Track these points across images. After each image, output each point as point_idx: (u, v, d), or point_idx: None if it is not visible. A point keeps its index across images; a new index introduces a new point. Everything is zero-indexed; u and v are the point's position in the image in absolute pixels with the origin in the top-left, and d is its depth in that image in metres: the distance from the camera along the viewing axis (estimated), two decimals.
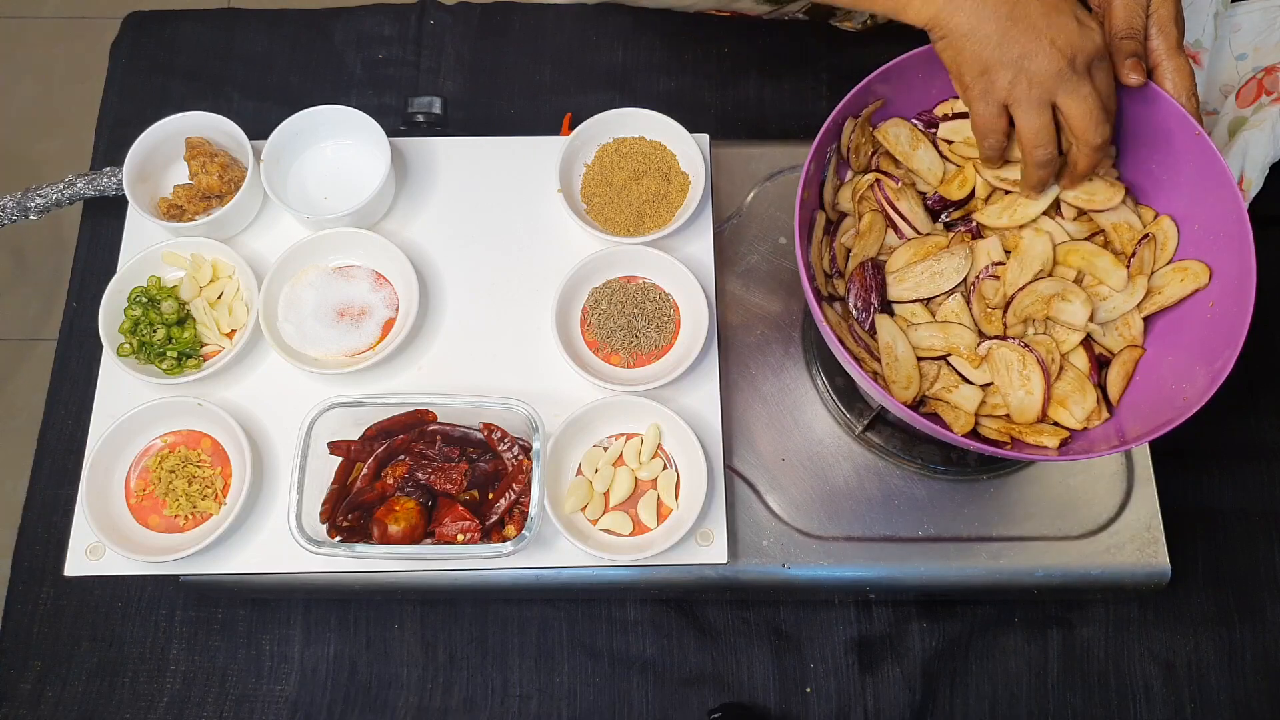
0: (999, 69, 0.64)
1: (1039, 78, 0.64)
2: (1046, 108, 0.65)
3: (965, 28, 0.63)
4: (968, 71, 0.66)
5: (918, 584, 0.82)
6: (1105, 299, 0.73)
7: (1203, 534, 0.88)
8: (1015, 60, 0.63)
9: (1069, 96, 0.64)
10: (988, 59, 0.64)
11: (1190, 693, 0.84)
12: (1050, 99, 0.65)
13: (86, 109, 1.06)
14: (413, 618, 0.86)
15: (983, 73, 0.65)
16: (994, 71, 0.64)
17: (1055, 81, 0.64)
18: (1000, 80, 0.65)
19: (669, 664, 0.85)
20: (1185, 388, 0.68)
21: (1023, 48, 0.63)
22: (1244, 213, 0.66)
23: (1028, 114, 0.65)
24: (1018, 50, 0.63)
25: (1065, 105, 0.65)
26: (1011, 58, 0.63)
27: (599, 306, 0.85)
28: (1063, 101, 0.65)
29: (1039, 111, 0.65)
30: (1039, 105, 0.65)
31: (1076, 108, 0.65)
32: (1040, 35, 0.63)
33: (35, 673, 0.85)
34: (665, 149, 0.90)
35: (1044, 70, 0.63)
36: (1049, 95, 0.65)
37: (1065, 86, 0.64)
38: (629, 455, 0.81)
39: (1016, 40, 0.63)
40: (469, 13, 1.08)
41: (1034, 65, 0.63)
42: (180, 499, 0.79)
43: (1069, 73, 0.63)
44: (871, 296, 0.75)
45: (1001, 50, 0.63)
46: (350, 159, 0.91)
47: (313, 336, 0.83)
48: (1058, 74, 0.63)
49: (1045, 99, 0.65)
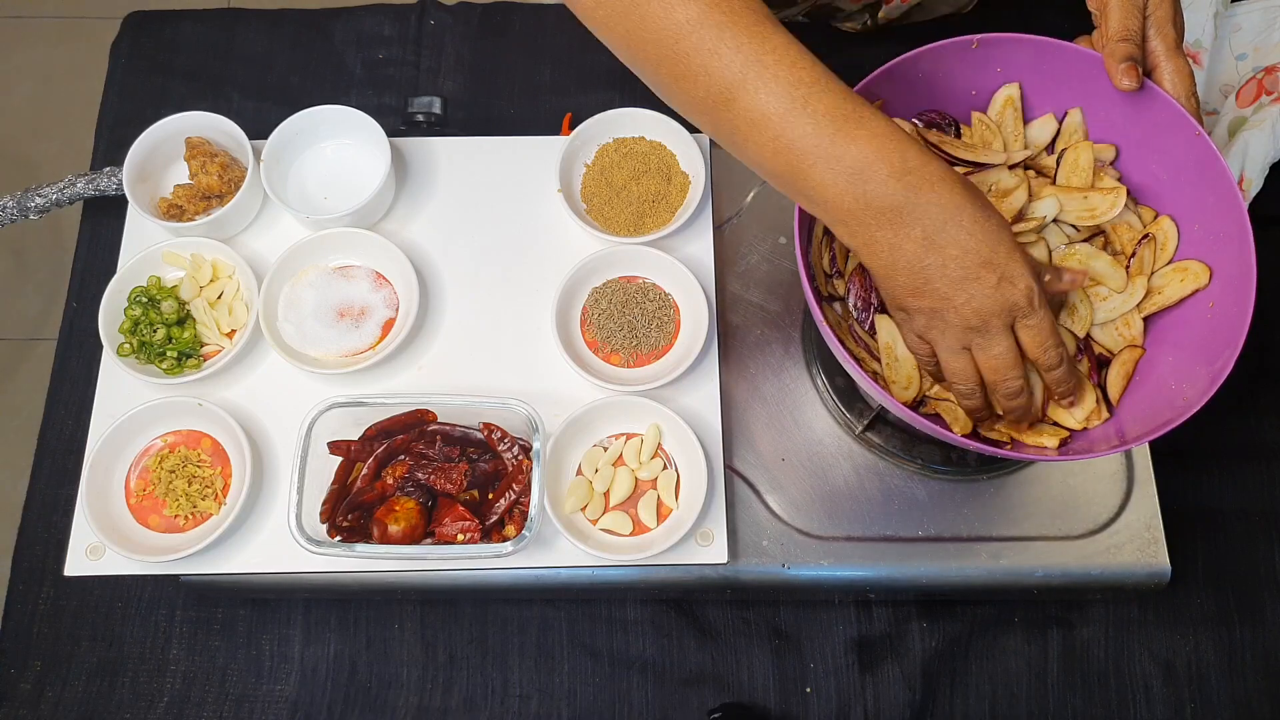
0: (914, 313, 0.63)
1: (950, 330, 0.62)
2: (963, 352, 0.64)
3: (882, 273, 0.61)
4: (887, 303, 0.65)
5: (918, 584, 0.82)
6: (1105, 299, 0.73)
7: (1203, 534, 0.88)
8: (928, 310, 0.62)
9: (979, 351, 0.63)
10: (903, 303, 0.62)
11: (1190, 693, 0.84)
12: (965, 346, 0.63)
13: (86, 109, 1.06)
14: (413, 618, 0.86)
15: (899, 309, 0.64)
16: (909, 312, 0.63)
17: (965, 336, 0.62)
18: (916, 322, 0.63)
19: (669, 664, 0.85)
20: (1185, 388, 0.68)
21: (935, 302, 0.61)
22: (1244, 213, 0.66)
23: (944, 355, 0.64)
24: (930, 303, 0.61)
25: (977, 358, 0.64)
26: (925, 308, 0.62)
27: (599, 306, 0.85)
28: (975, 354, 0.64)
29: (955, 355, 0.64)
30: (954, 350, 0.64)
31: (986, 362, 0.63)
32: (949, 300, 0.60)
33: (35, 673, 0.85)
34: (665, 149, 0.90)
35: (955, 325, 0.62)
36: (961, 344, 0.63)
37: (975, 341, 0.62)
38: (629, 455, 0.81)
39: (928, 295, 0.61)
40: (469, 13, 1.08)
41: (947, 318, 0.61)
42: (180, 499, 0.79)
43: (980, 330, 0.61)
44: (871, 296, 0.75)
45: (915, 301, 0.61)
46: (350, 159, 0.91)
47: (313, 336, 0.83)
48: (967, 330, 0.62)
49: (958, 346, 0.63)
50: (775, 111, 0.58)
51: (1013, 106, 0.76)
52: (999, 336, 0.62)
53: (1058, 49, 0.72)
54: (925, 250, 0.59)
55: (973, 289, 0.60)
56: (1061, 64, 0.73)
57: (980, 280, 0.59)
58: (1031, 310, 0.61)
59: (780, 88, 0.58)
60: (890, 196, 0.58)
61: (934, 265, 0.59)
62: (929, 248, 0.59)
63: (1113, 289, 0.73)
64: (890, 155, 0.58)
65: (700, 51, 0.58)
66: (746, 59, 0.58)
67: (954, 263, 0.59)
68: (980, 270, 0.59)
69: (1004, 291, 0.60)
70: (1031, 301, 0.61)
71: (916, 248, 0.59)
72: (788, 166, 0.60)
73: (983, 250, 0.59)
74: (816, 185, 0.59)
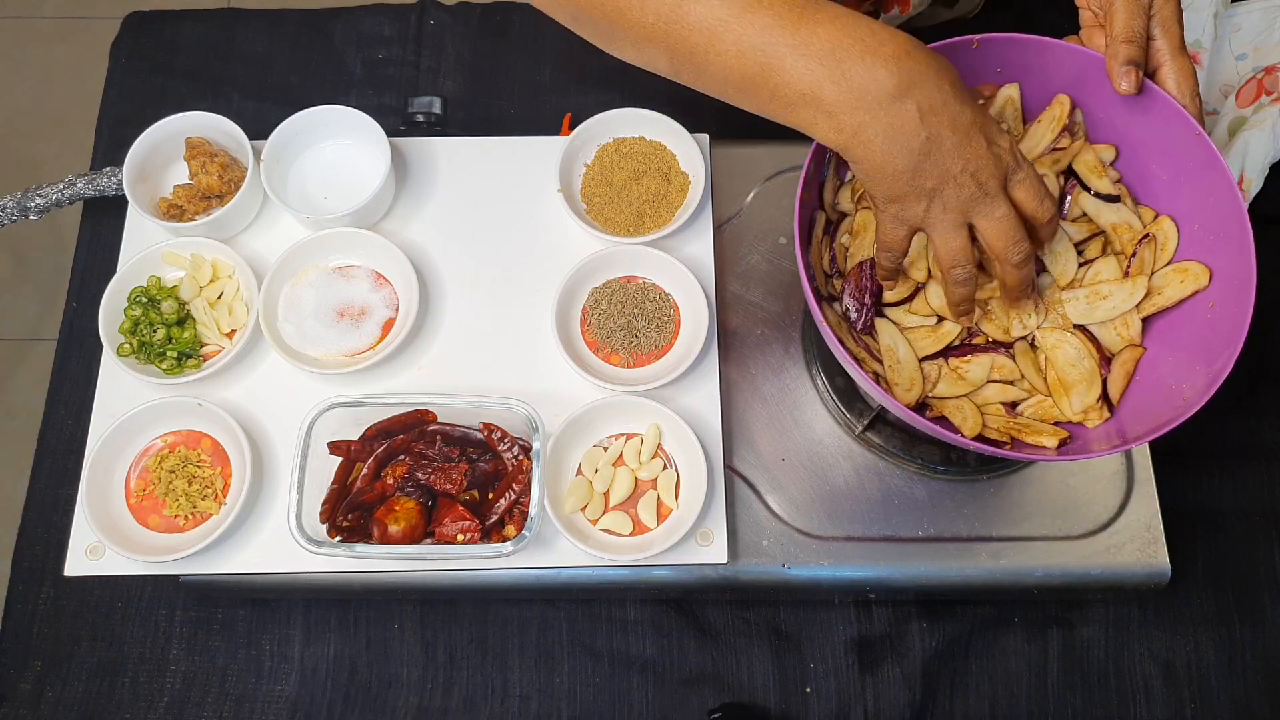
0: (912, 199, 0.61)
1: (953, 204, 0.61)
2: (962, 229, 0.62)
3: (877, 160, 0.59)
4: (880, 197, 0.62)
5: (918, 584, 0.82)
6: (1105, 298, 0.73)
7: (1203, 534, 0.88)
8: (929, 191, 0.60)
9: (983, 218, 0.62)
10: (901, 190, 0.60)
11: (1190, 693, 0.84)
12: (965, 221, 0.62)
13: (86, 109, 1.06)
14: (413, 618, 0.86)
15: (894, 200, 0.62)
16: (907, 200, 0.61)
17: (969, 205, 0.61)
18: (913, 209, 0.62)
19: (669, 664, 0.85)
20: (1185, 388, 0.68)
21: (936, 179, 0.59)
22: (1244, 213, 0.66)
23: (943, 236, 0.63)
24: (931, 182, 0.59)
25: (981, 226, 0.62)
26: (925, 189, 0.60)
27: (599, 306, 0.85)
28: (978, 223, 0.62)
29: (955, 234, 0.63)
30: (954, 228, 0.62)
31: (992, 228, 0.62)
32: (952, 165, 0.59)
33: (35, 673, 0.85)
34: (665, 149, 0.90)
35: (957, 197, 0.60)
36: (964, 218, 0.62)
37: (979, 209, 0.61)
38: (629, 455, 0.81)
39: (929, 173, 0.59)
40: (469, 13, 1.08)
41: (948, 194, 0.60)
42: (180, 499, 0.79)
43: (981, 196, 0.60)
44: (866, 297, 0.75)
45: (914, 182, 0.59)
46: (350, 159, 0.91)
47: (313, 336, 0.83)
48: (970, 199, 0.60)
49: (960, 222, 0.62)
50: (730, 13, 0.57)
51: (1013, 106, 0.76)
52: (999, 199, 0.61)
53: (1058, 49, 0.72)
54: (920, 123, 0.57)
55: (969, 155, 0.58)
56: (1062, 64, 0.73)
57: (974, 145, 0.58)
58: (1019, 165, 0.61)
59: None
60: (872, 71, 0.56)
61: (931, 138, 0.57)
62: (923, 120, 0.57)
63: (1112, 291, 0.73)
64: (860, 31, 0.57)
65: None
66: None
67: (948, 131, 0.58)
68: (971, 134, 0.58)
69: (995, 152, 0.59)
70: (1017, 157, 0.61)
71: (912, 122, 0.57)
72: (757, 67, 0.58)
73: (968, 113, 0.58)
74: (791, 79, 0.57)
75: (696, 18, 0.57)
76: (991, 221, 0.62)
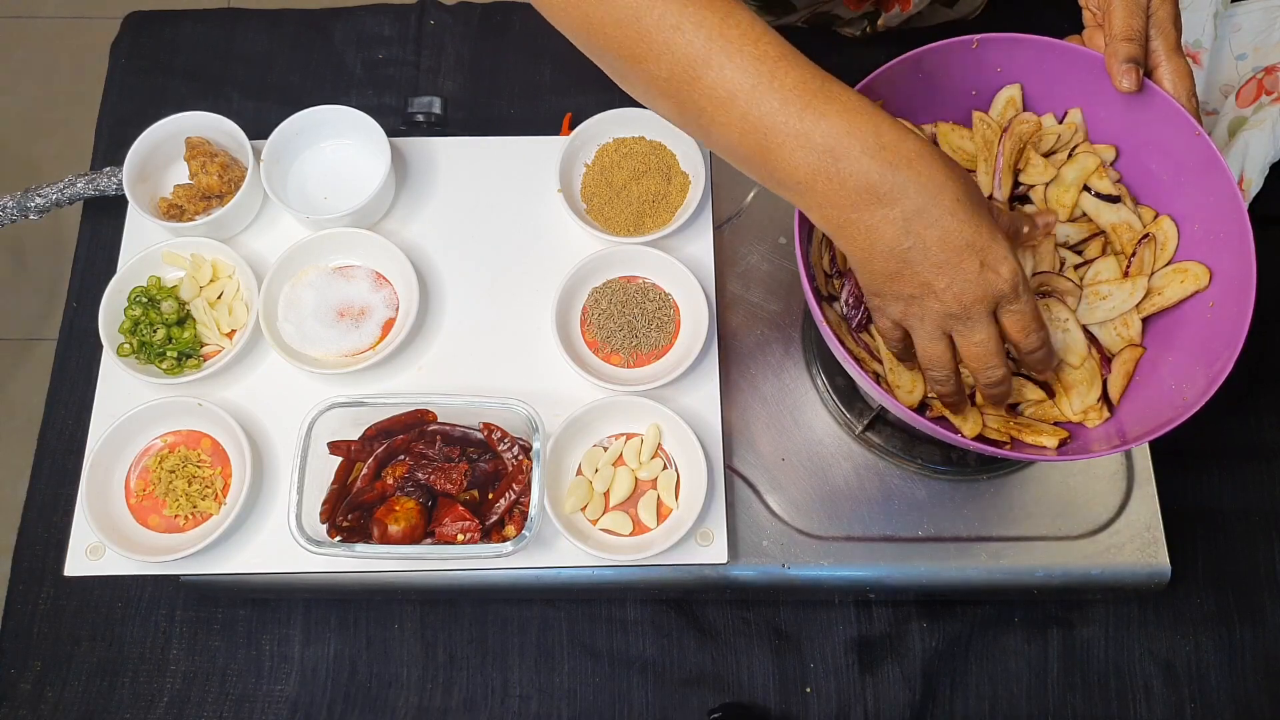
0: (891, 299, 0.60)
1: (930, 316, 0.60)
2: (941, 338, 0.61)
3: (859, 256, 0.59)
4: (864, 287, 0.62)
5: (918, 584, 0.82)
6: (1105, 298, 0.73)
7: (1203, 534, 0.88)
8: (907, 296, 0.59)
9: (960, 337, 0.61)
10: (879, 288, 0.60)
11: (1190, 693, 0.84)
12: (943, 332, 0.61)
13: (86, 109, 1.06)
14: (413, 618, 0.86)
15: (875, 294, 0.61)
16: (885, 298, 0.61)
17: (947, 322, 0.60)
18: (892, 308, 0.61)
19: (669, 664, 0.85)
20: (1185, 388, 0.68)
21: (915, 288, 0.58)
22: (1244, 213, 0.66)
23: (921, 341, 0.62)
24: (910, 289, 0.59)
25: (959, 342, 0.61)
26: (903, 294, 0.59)
27: (599, 306, 0.85)
28: (956, 339, 0.61)
29: (932, 342, 0.62)
30: (931, 336, 0.61)
31: (968, 349, 0.61)
32: (934, 280, 0.58)
33: (35, 673, 0.85)
34: (665, 149, 0.90)
35: (935, 311, 0.59)
36: (941, 330, 0.61)
37: (957, 327, 0.60)
38: (629, 455, 0.81)
39: (909, 280, 0.58)
40: (469, 12, 1.08)
41: (926, 304, 0.59)
42: (180, 499, 0.79)
43: (961, 316, 0.59)
44: (863, 299, 0.75)
45: (892, 286, 0.59)
46: (350, 159, 0.91)
47: (313, 336, 0.83)
48: (949, 315, 0.59)
49: (937, 333, 0.61)
50: (741, 88, 0.56)
51: (1014, 107, 0.76)
52: (981, 323, 0.60)
53: (1058, 49, 0.72)
54: (904, 234, 0.56)
55: (954, 275, 0.57)
56: (1062, 64, 0.73)
57: (963, 266, 0.57)
58: (1016, 297, 0.59)
59: (745, 62, 0.56)
60: (865, 175, 0.55)
61: (914, 249, 0.56)
62: (908, 231, 0.56)
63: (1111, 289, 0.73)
64: (863, 130, 0.55)
65: (662, 28, 0.57)
66: (710, 34, 0.56)
67: (935, 247, 0.56)
68: (963, 255, 0.57)
69: (987, 278, 0.58)
70: (1016, 288, 0.59)
71: (895, 230, 0.56)
72: (757, 146, 0.57)
73: (965, 233, 0.56)
74: (787, 166, 0.57)
75: (708, 84, 0.57)
76: (969, 343, 0.61)
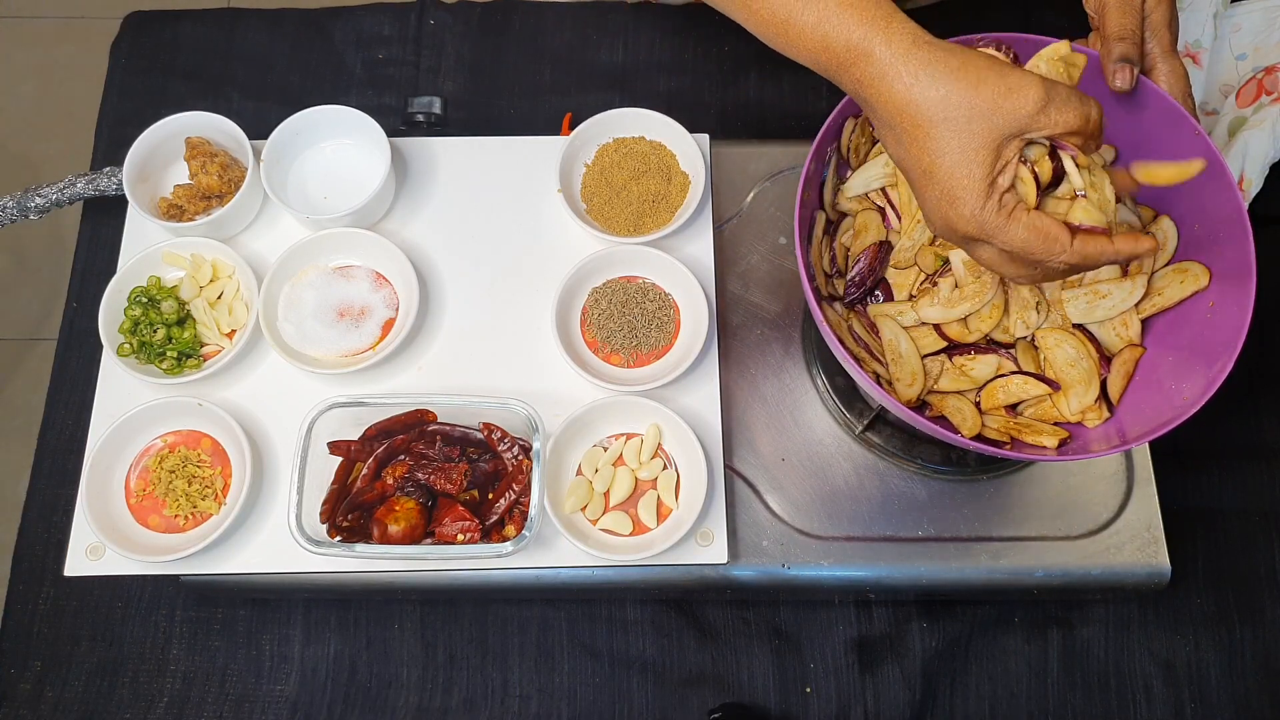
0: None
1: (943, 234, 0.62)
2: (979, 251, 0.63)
3: (894, 156, 0.62)
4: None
5: (918, 584, 0.82)
6: (1105, 297, 0.73)
7: (1203, 534, 0.88)
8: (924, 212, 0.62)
9: (971, 253, 0.63)
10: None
11: (1190, 693, 0.84)
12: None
13: (86, 109, 1.06)
14: (413, 618, 0.86)
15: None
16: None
17: (958, 242, 0.62)
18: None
19: (669, 664, 0.85)
20: (1185, 388, 0.68)
21: (924, 209, 0.62)
22: (1244, 213, 0.66)
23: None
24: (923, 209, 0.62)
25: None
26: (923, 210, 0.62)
27: (599, 306, 0.85)
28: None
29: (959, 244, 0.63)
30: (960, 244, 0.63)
31: (984, 260, 0.63)
32: (932, 214, 0.61)
33: (35, 673, 0.85)
34: (665, 149, 0.90)
35: (942, 232, 0.62)
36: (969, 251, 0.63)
37: (966, 247, 0.62)
38: (629, 455, 0.81)
39: (921, 201, 0.61)
40: (469, 12, 1.08)
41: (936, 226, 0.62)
42: (180, 499, 0.79)
43: (963, 240, 0.61)
44: (869, 280, 0.75)
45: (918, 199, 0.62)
46: (350, 159, 0.91)
47: (313, 336, 0.83)
48: (955, 238, 0.61)
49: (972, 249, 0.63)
50: None
51: None
52: (975, 247, 0.61)
53: None
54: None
55: (956, 208, 0.59)
56: None
57: (959, 203, 0.59)
58: (999, 230, 0.60)
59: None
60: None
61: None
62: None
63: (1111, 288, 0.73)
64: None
65: None
66: None
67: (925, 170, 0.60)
68: (957, 193, 0.59)
69: (946, 215, 0.60)
70: (990, 232, 0.60)
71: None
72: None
73: (958, 174, 0.59)
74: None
75: None
76: (979, 257, 0.62)
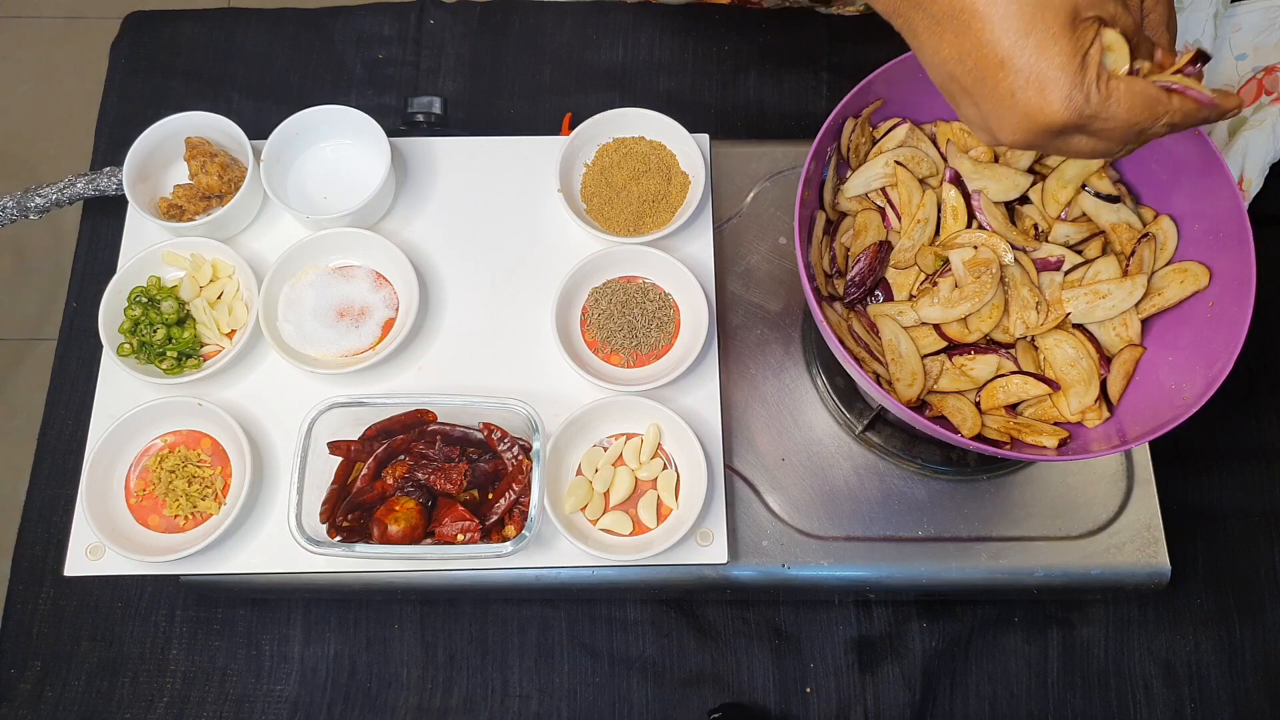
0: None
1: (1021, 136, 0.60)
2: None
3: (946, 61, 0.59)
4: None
5: (918, 584, 0.82)
6: (1105, 297, 0.73)
7: (1203, 534, 0.88)
8: None
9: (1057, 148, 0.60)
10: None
11: (1190, 693, 0.84)
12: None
13: (86, 109, 1.06)
14: (413, 618, 0.86)
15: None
16: None
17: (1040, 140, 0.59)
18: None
19: (669, 664, 0.85)
20: (1185, 388, 0.68)
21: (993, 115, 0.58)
22: (1244, 213, 0.66)
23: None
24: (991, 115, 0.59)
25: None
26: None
27: (599, 306, 0.85)
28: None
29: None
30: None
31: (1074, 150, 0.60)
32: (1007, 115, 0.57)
33: (35, 673, 0.85)
34: (665, 149, 0.90)
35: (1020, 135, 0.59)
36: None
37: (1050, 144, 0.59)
38: (629, 455, 0.81)
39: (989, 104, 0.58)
40: (469, 12, 1.08)
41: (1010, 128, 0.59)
42: (180, 499, 0.79)
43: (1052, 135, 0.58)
44: (869, 280, 0.75)
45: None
46: (350, 159, 0.91)
47: (313, 336, 0.83)
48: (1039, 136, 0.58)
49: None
50: None
51: None
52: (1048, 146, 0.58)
53: None
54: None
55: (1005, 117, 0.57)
56: None
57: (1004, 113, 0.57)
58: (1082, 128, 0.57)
59: None
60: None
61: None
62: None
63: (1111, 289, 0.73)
64: None
65: None
66: None
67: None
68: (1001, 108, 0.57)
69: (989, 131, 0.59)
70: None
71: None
72: None
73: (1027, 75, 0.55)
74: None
75: None
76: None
